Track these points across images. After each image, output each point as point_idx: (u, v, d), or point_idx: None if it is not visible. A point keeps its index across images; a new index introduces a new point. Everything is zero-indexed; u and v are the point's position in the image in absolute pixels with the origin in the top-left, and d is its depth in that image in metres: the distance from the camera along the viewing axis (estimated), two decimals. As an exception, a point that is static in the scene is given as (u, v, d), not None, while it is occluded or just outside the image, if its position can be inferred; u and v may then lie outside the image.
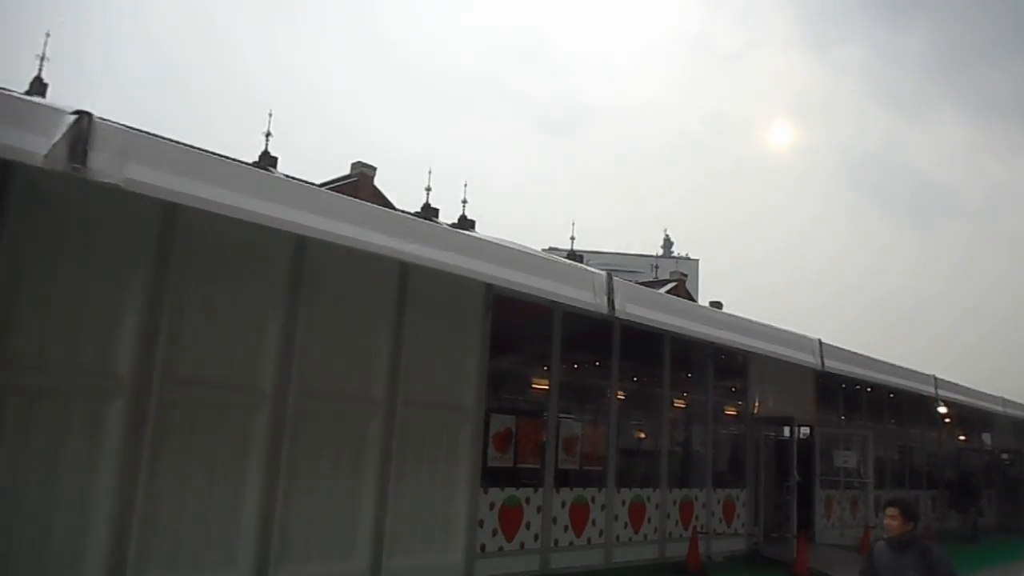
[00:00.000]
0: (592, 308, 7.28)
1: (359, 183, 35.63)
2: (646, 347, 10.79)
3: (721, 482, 11.74)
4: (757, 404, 12.52)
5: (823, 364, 10.41)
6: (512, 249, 7.39)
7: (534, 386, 9.60)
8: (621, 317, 7.52)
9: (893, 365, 12.50)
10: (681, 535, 10.59)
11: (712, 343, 10.86)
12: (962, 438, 21.19)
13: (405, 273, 7.74)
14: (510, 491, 8.63)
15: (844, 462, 13.65)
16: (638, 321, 7.79)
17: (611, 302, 7.36)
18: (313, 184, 10.60)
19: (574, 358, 9.91)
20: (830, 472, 13.87)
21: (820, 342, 10.52)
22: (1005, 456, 22.54)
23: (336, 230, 5.82)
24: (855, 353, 11.40)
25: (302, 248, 7.00)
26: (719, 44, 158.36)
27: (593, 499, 9.56)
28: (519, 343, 9.45)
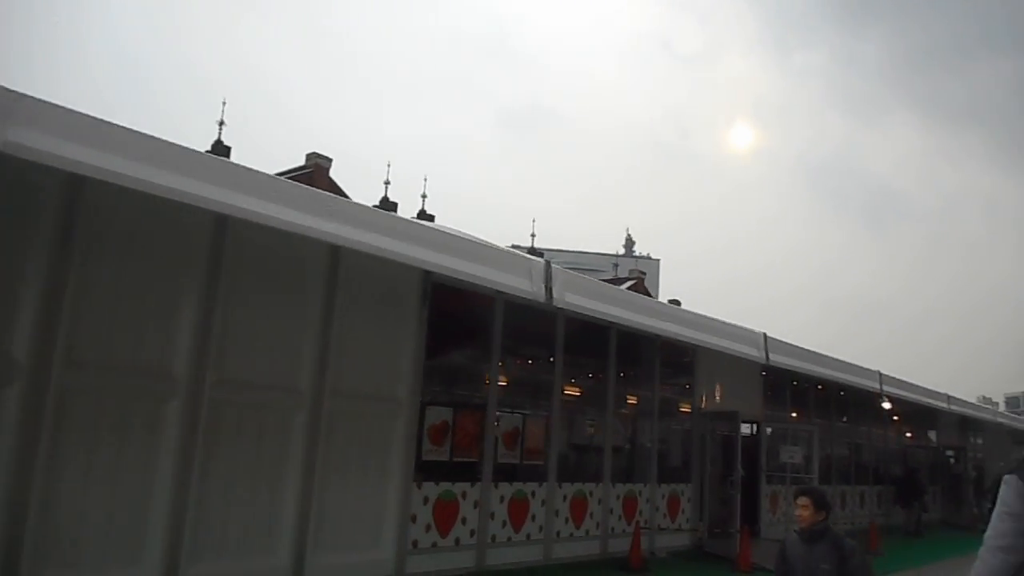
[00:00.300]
0: (529, 296, 7.04)
1: (314, 174, 35.01)
2: (591, 340, 10.61)
3: (666, 477, 11.62)
4: (704, 399, 12.45)
5: (768, 358, 10.34)
6: (445, 234, 7.13)
7: (474, 378, 9.33)
8: (559, 306, 7.30)
9: (839, 360, 12.52)
10: (624, 531, 10.44)
11: (659, 337, 10.78)
12: (908, 435, 21.54)
13: (335, 257, 7.42)
14: (446, 485, 8.37)
15: (790, 457, 13.64)
16: (577, 311, 7.58)
17: (549, 290, 7.13)
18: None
19: (517, 350, 9.69)
20: (776, 467, 13.87)
21: (765, 336, 10.45)
22: (950, 453, 23.03)
23: (254, 208, 5.49)
24: (800, 348, 11.37)
25: (222, 228, 6.64)
26: (682, 47, 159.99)
27: (533, 494, 9.35)
28: (459, 334, 9.18)
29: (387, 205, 37.03)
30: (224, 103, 45.55)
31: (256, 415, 6.85)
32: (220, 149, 35.94)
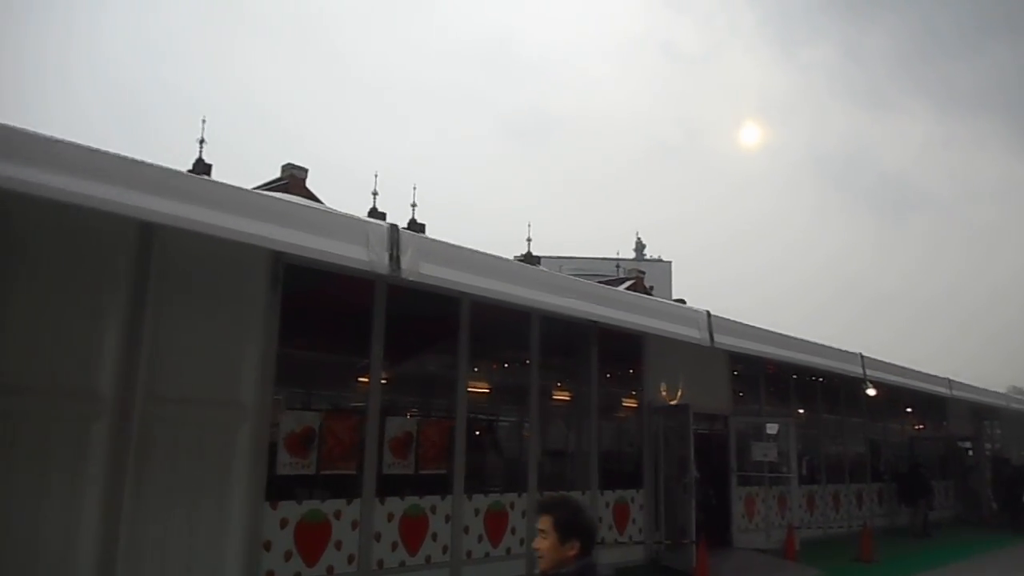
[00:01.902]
0: (367, 268, 5.76)
1: (290, 185, 34.08)
2: (507, 328, 9.27)
3: (612, 483, 10.20)
4: (655, 393, 11.00)
5: (712, 339, 8.94)
6: (261, 196, 5.87)
7: (349, 376, 8.01)
8: (410, 278, 5.99)
9: (809, 342, 11.05)
10: (557, 547, 9.02)
11: (595, 324, 9.43)
12: (915, 427, 19.83)
13: (148, 235, 6.17)
14: (312, 504, 7.05)
15: (764, 455, 12.17)
16: (437, 284, 6.26)
17: (395, 259, 5.84)
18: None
19: (408, 341, 8.34)
20: (751, 467, 12.40)
21: (708, 314, 9.05)
22: (967, 444, 21.23)
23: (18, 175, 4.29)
24: (756, 328, 9.94)
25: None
26: (685, 48, 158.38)
27: (433, 509, 7.99)
28: (328, 324, 7.88)
29: (376, 215, 36.13)
30: (204, 121, 45.12)
31: (37, 427, 5.59)
32: (201, 167, 35.29)
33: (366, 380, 7.66)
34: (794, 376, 14.22)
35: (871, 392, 12.71)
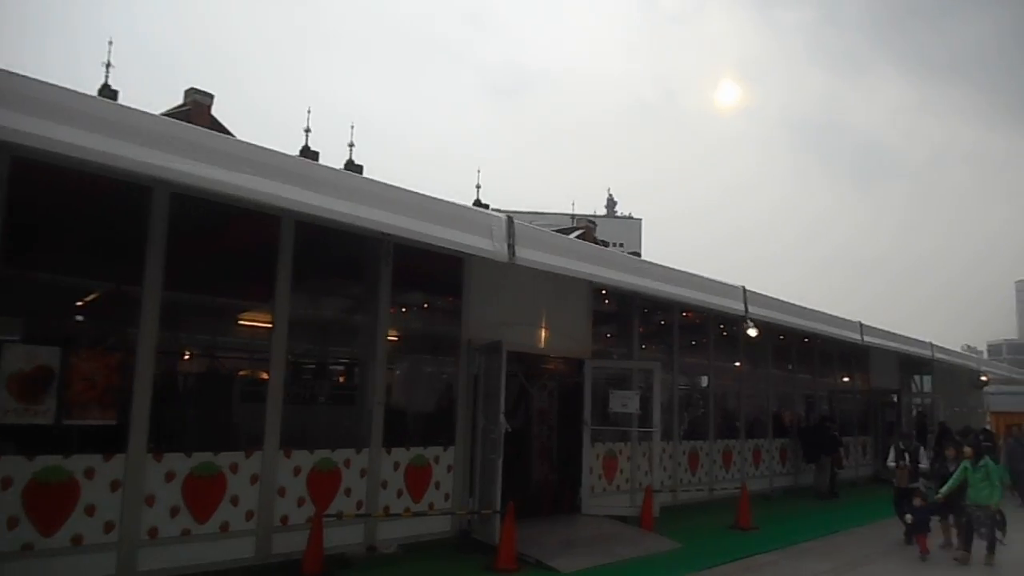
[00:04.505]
0: None
1: (192, 111, 31.18)
2: (238, 231, 6.98)
3: (405, 439, 8.06)
4: (479, 329, 8.80)
5: (512, 253, 6.73)
6: None
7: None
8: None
9: (662, 267, 8.91)
10: (309, 520, 6.92)
11: (388, 236, 7.20)
12: (846, 379, 18.13)
13: None
14: None
15: (623, 405, 10.15)
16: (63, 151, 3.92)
17: None
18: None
19: (46, 236, 5.99)
20: (612, 420, 10.40)
21: (509, 220, 6.83)
22: (894, 396, 19.71)
23: None
24: (587, 245, 7.76)
25: None
26: (665, 6, 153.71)
27: (90, 473, 5.76)
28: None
29: (307, 153, 33.84)
30: (111, 42, 41.50)
31: None
32: (107, 93, 32.17)
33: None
34: (719, 322, 12.18)
35: (752, 332, 10.70)
